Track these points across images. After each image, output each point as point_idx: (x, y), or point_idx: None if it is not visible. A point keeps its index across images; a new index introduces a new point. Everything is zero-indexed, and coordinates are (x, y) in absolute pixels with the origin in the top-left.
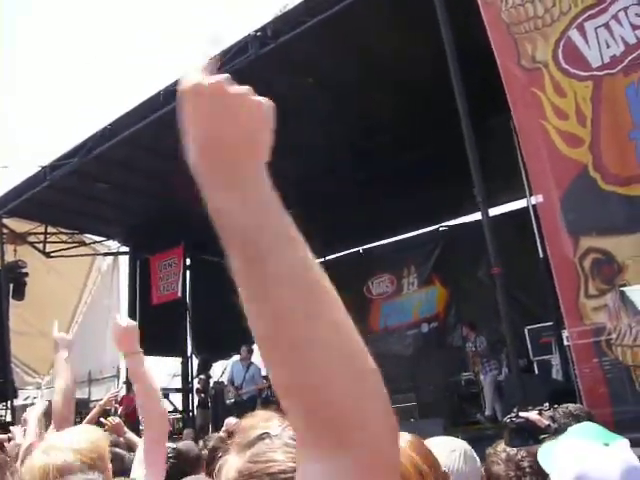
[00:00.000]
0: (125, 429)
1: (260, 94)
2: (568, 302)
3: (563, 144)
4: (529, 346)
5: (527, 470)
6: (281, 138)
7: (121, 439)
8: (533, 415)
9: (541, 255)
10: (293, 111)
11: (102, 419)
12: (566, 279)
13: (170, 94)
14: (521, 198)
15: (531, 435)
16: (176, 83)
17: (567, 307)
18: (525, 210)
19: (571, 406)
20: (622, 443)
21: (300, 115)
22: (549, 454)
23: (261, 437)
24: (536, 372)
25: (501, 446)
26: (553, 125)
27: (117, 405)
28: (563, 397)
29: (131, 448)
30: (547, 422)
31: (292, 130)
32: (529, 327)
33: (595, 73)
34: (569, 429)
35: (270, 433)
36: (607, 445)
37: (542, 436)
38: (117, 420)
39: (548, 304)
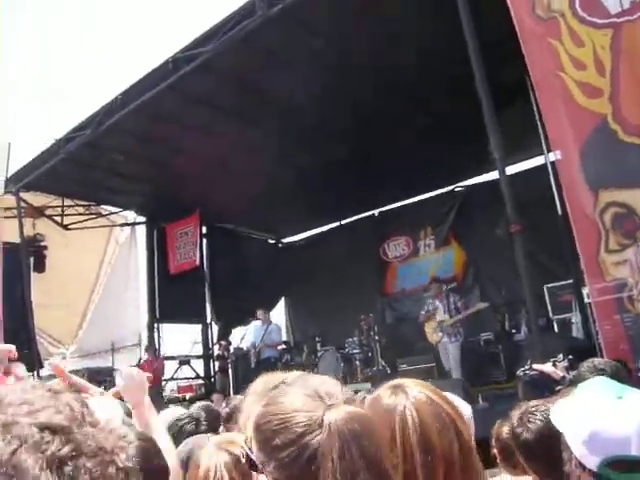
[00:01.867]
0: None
1: (269, 56)
2: (588, 258)
3: (581, 95)
4: (548, 305)
5: (530, 425)
6: (290, 101)
7: None
8: (547, 367)
9: (560, 212)
10: (302, 73)
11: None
12: (586, 235)
13: (179, 61)
14: (539, 155)
15: (546, 387)
16: (184, 50)
17: (587, 263)
18: (543, 167)
19: (596, 360)
20: (636, 394)
21: (309, 77)
22: (561, 412)
23: (276, 386)
24: (556, 331)
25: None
26: (570, 76)
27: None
28: (584, 355)
29: None
30: (562, 374)
31: (300, 92)
32: (548, 285)
33: (614, 20)
34: (579, 385)
35: (285, 381)
36: (620, 398)
37: (557, 387)
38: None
39: (567, 262)
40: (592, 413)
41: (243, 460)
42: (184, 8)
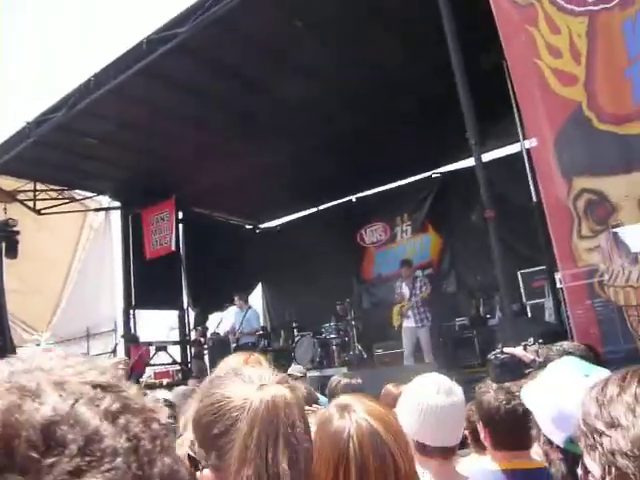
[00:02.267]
0: None
1: (247, 38)
2: (561, 244)
3: (557, 83)
4: (522, 290)
5: (517, 394)
6: (267, 85)
7: None
8: (518, 351)
9: (534, 199)
10: (280, 57)
11: None
12: (559, 221)
13: (153, 43)
14: (515, 142)
15: (516, 370)
16: (159, 31)
17: (560, 249)
18: (519, 154)
19: (565, 344)
20: (603, 373)
21: (287, 61)
22: (531, 392)
23: (211, 380)
24: (529, 315)
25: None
26: (547, 63)
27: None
28: (556, 339)
29: None
30: (532, 357)
31: (278, 76)
32: (522, 271)
33: (590, 8)
34: (548, 365)
35: (218, 375)
36: (587, 376)
37: (527, 370)
38: None
39: (541, 248)
40: (559, 392)
41: (186, 461)
42: None
